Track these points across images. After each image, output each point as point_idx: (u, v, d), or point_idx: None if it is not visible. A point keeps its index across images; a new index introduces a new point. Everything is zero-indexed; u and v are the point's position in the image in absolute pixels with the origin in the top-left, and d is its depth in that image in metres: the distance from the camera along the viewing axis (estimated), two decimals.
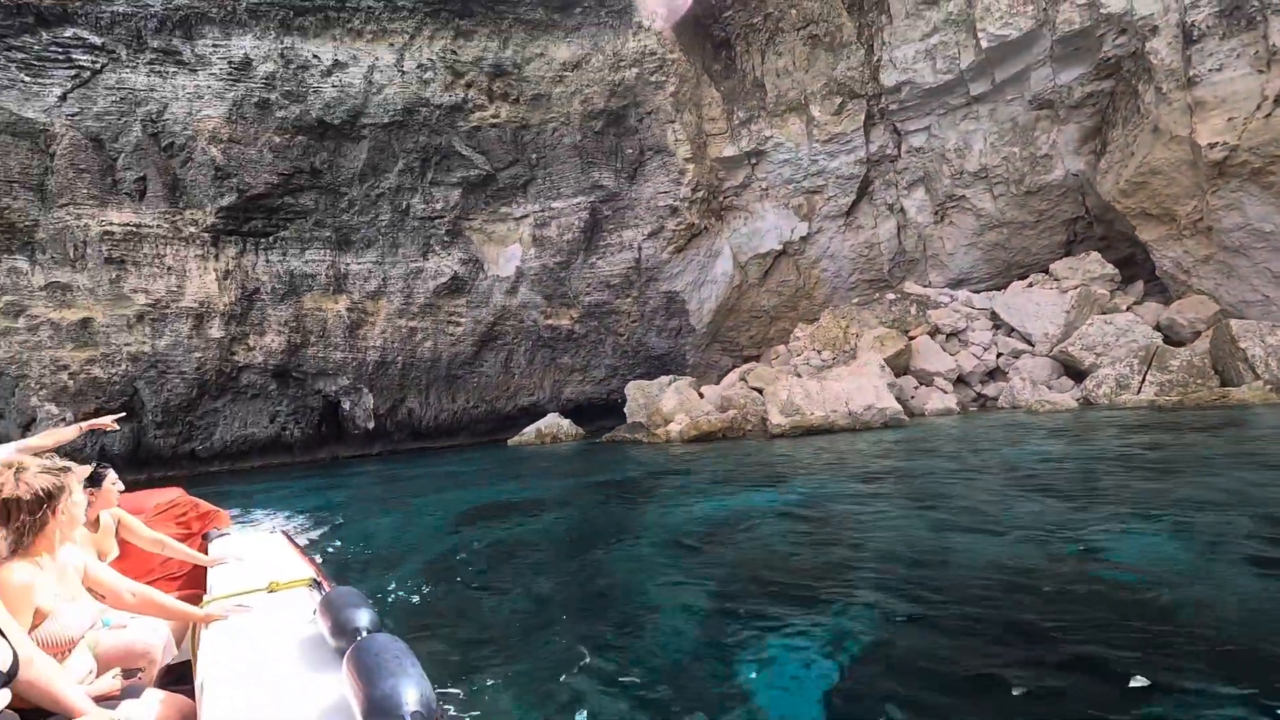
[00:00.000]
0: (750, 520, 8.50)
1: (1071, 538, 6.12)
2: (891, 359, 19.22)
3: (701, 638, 4.83)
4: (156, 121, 22.65)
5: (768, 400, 17.98)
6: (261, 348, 24.27)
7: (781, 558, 6.74)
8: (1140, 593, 4.74)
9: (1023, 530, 6.57)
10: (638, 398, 23.21)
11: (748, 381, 20.98)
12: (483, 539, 8.79)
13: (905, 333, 20.82)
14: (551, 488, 13.33)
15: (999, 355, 19.73)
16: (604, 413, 26.64)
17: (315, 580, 3.11)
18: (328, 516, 12.02)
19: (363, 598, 2.35)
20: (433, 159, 24.83)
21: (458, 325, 26.27)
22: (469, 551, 8.25)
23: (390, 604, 6.37)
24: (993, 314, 20.88)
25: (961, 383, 19.66)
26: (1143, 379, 15.24)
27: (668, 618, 5.28)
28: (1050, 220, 22.79)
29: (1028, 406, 16.15)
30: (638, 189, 25.57)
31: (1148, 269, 20.73)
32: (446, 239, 25.74)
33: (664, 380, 23.68)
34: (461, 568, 7.54)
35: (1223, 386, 14.00)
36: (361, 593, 2.42)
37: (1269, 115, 16.25)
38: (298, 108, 23.13)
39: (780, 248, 25.94)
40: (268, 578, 3.15)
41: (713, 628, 4.97)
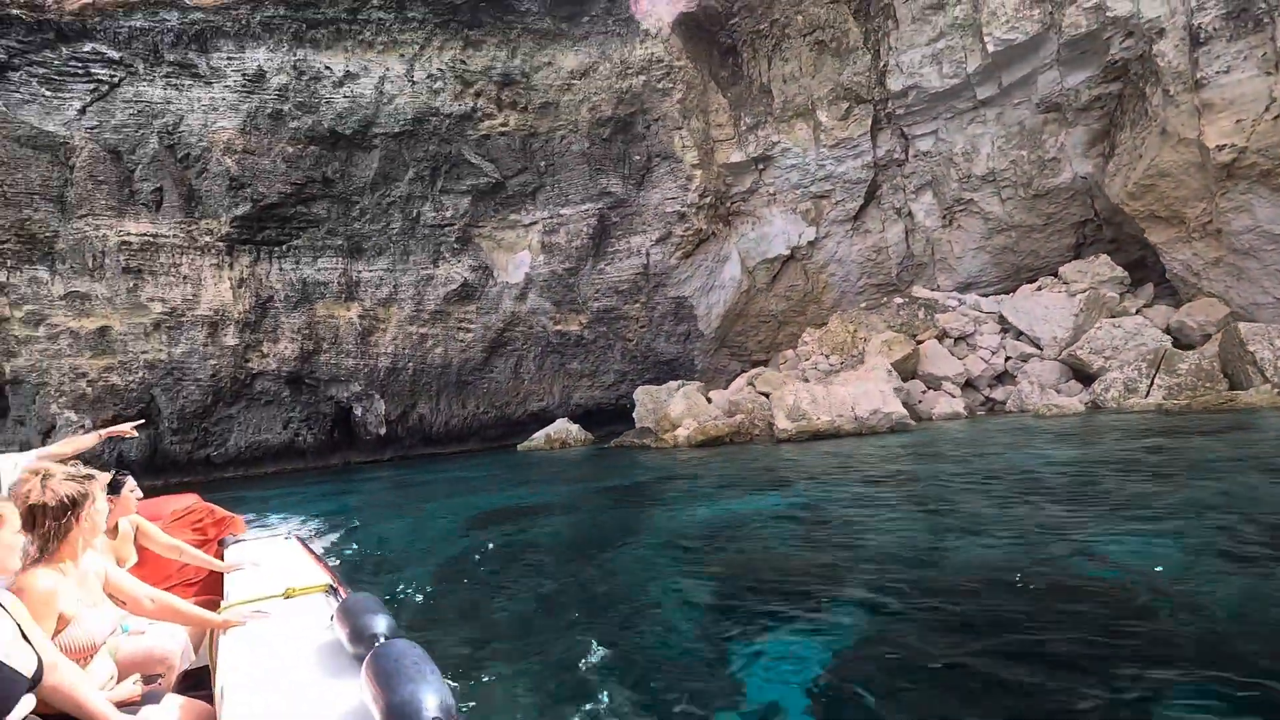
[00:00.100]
0: (752, 523, 8.63)
1: (1065, 540, 6.20)
2: (899, 363, 19.22)
3: (702, 635, 5.00)
4: (173, 133, 23.09)
5: (774, 405, 18.04)
6: (275, 355, 24.64)
7: (781, 559, 6.86)
8: (1131, 594, 4.82)
9: (1017, 533, 6.66)
10: (646, 403, 23.30)
11: (755, 386, 21.01)
12: (493, 542, 8.95)
13: (913, 337, 20.78)
14: (559, 492, 13.48)
15: (1007, 359, 19.66)
16: (613, 418, 26.74)
17: (331, 586, 3.13)
18: (341, 521, 12.21)
19: (380, 604, 2.37)
20: (443, 167, 25.12)
21: (468, 331, 26.52)
22: (479, 555, 8.41)
23: (403, 606, 6.53)
24: (1001, 318, 20.82)
25: (970, 387, 19.61)
26: (1151, 382, 15.18)
27: (670, 616, 5.46)
28: (1059, 223, 22.70)
29: (1035, 410, 16.12)
30: (645, 195, 25.73)
31: (1158, 272, 20.60)
32: (456, 246, 26.02)
33: (672, 385, 23.75)
34: (472, 570, 7.71)
35: (1231, 390, 13.93)
36: (378, 599, 2.43)
37: (1277, 117, 16.18)
38: (310, 118, 23.50)
39: (788, 252, 25.96)
40: (284, 583, 3.16)
41: (712, 625, 5.14)
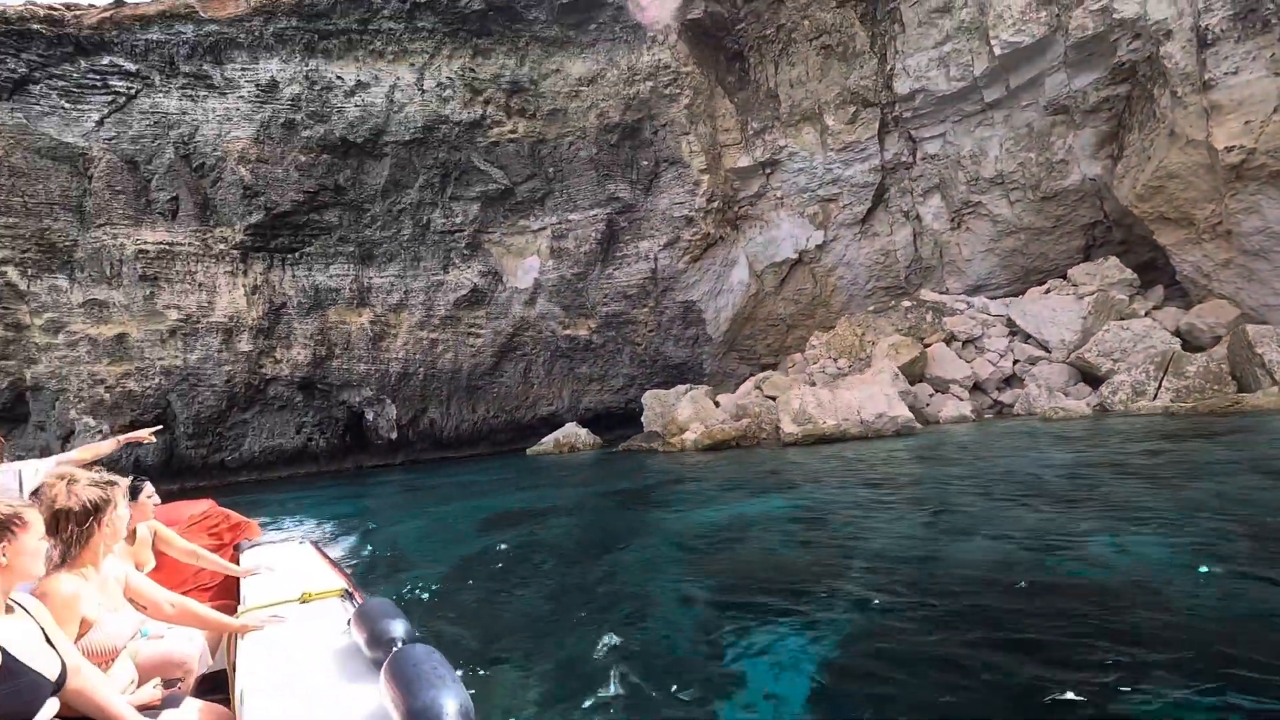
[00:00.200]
0: (754, 525, 8.79)
1: (1056, 542, 6.31)
2: (906, 367, 19.23)
3: (703, 631, 5.20)
4: (188, 143, 23.52)
5: (780, 409, 18.09)
6: (288, 360, 24.99)
7: (780, 559, 7.02)
8: (1118, 594, 4.92)
9: (1011, 534, 6.78)
10: (654, 407, 23.42)
11: (763, 390, 21.07)
12: (503, 544, 9.13)
13: (921, 340, 20.78)
14: (567, 495, 13.64)
15: (1015, 362, 19.61)
16: (622, 422, 26.88)
17: (347, 590, 3.15)
18: (354, 525, 12.43)
19: (397, 609, 2.38)
20: (452, 174, 25.40)
21: (477, 336, 26.76)
22: (490, 556, 8.60)
23: (415, 606, 6.73)
24: (1009, 320, 20.76)
25: (978, 390, 19.58)
26: (1159, 385, 15.13)
27: (674, 614, 5.66)
28: (1068, 225, 22.61)
29: (1042, 414, 16.10)
30: (653, 200, 25.88)
31: (1169, 273, 20.47)
32: (466, 252, 26.28)
33: (680, 389, 23.85)
34: (483, 571, 7.90)
35: (1240, 392, 13.87)
36: (395, 604, 2.43)
37: None
38: (322, 127, 23.85)
39: (796, 256, 26.02)
40: (300, 588, 3.19)
41: (713, 622, 5.33)
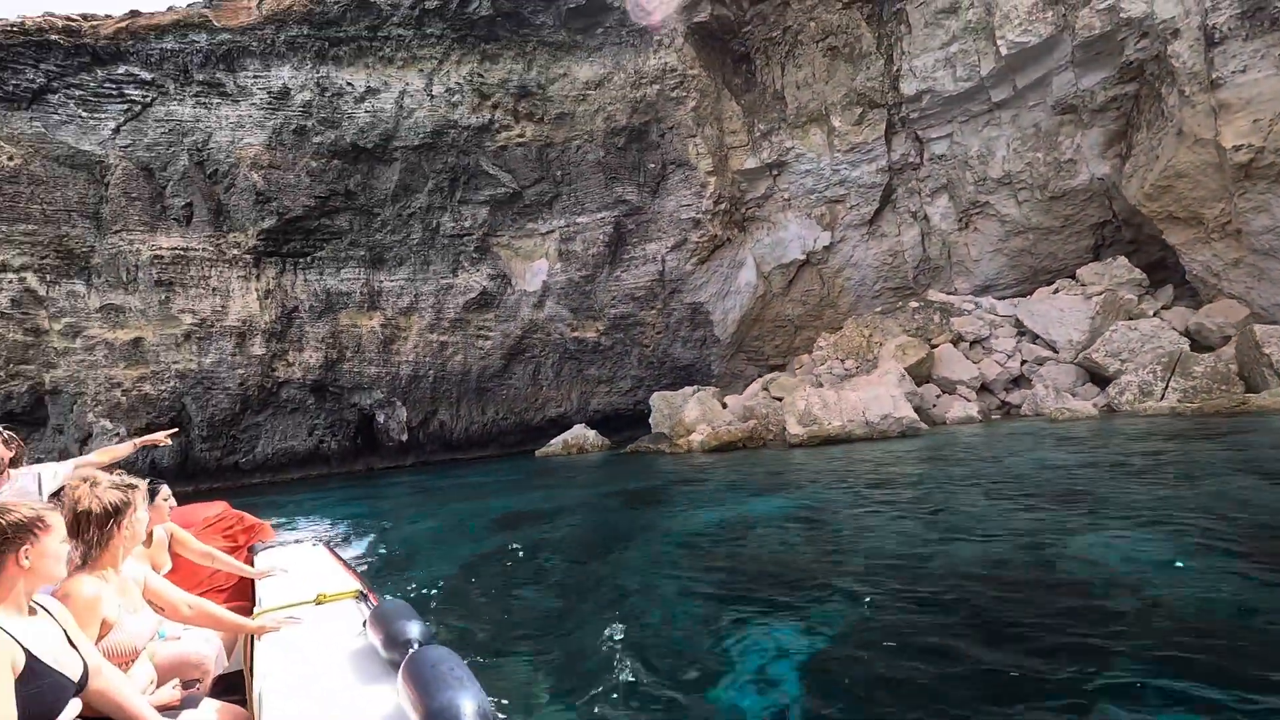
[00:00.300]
0: (756, 524, 8.96)
1: (1047, 540, 6.44)
2: (913, 367, 19.24)
3: (702, 625, 5.41)
4: (202, 150, 23.89)
5: (786, 410, 18.15)
6: (300, 363, 25.31)
7: (780, 557, 7.19)
8: (1103, 591, 5.05)
9: (1006, 533, 6.91)
10: (662, 408, 23.54)
11: (770, 391, 21.14)
12: (511, 544, 9.33)
13: (928, 341, 20.78)
14: (575, 496, 13.81)
15: (1023, 362, 19.57)
16: (631, 423, 27.02)
17: (361, 592, 3.19)
18: (367, 526, 12.65)
19: (412, 610, 2.40)
20: (461, 178, 25.64)
21: (487, 339, 26.99)
22: (499, 556, 8.81)
23: (427, 603, 6.94)
24: (1017, 321, 20.73)
25: (985, 390, 19.56)
26: (1166, 385, 15.09)
27: (676, 610, 5.87)
28: (1077, 225, 22.54)
29: (1049, 414, 16.09)
30: (661, 202, 26.00)
31: (1179, 273, 20.36)
32: (475, 255, 26.51)
33: (688, 391, 23.94)
34: (493, 570, 8.11)
35: (1248, 393, 13.82)
36: (410, 605, 2.45)
37: None
38: (333, 133, 24.15)
39: (804, 257, 26.07)
40: (314, 590, 3.22)
41: (713, 617, 5.53)
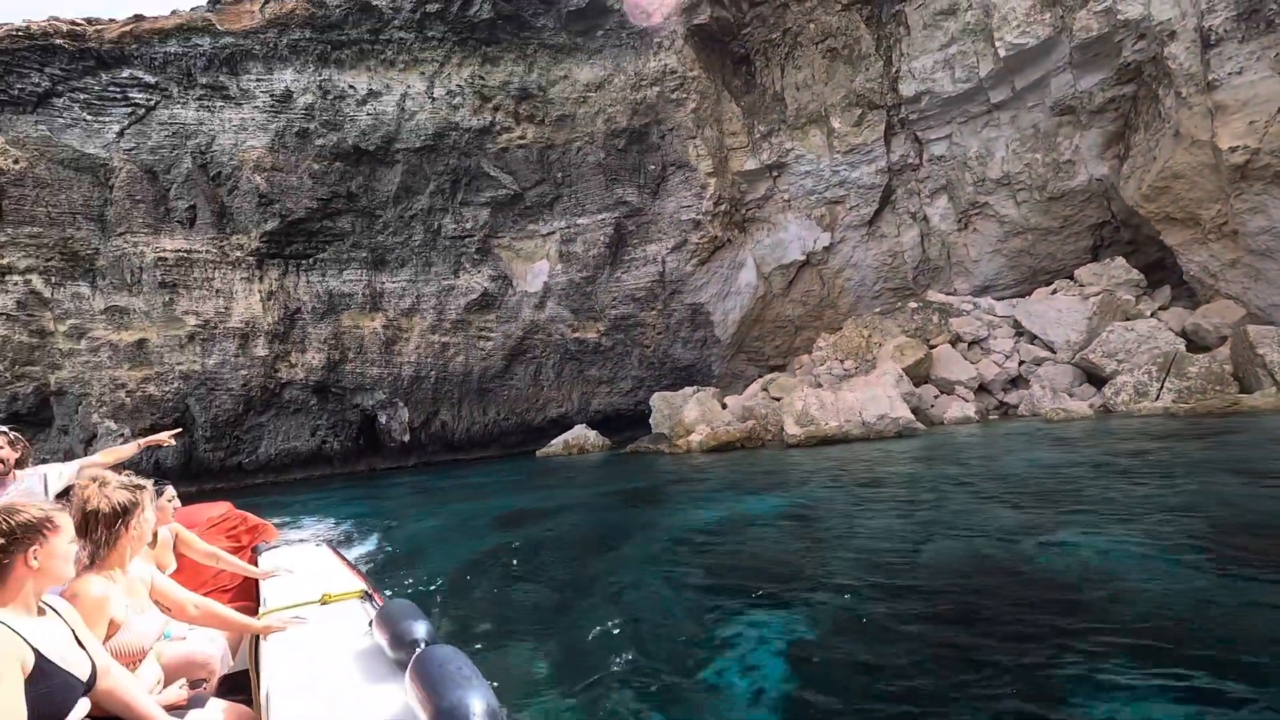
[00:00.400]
0: (748, 523, 9.18)
1: (1028, 537, 6.63)
2: (911, 368, 19.34)
3: (695, 617, 5.62)
4: (205, 153, 24.07)
5: (784, 411, 18.26)
6: (303, 364, 25.49)
7: (769, 554, 7.41)
8: (1080, 585, 5.21)
9: (987, 530, 7.12)
10: (662, 409, 23.67)
11: (769, 392, 21.26)
12: (513, 543, 9.55)
13: (926, 342, 20.88)
14: (574, 496, 13.97)
15: (1021, 363, 19.66)
16: (632, 423, 27.16)
17: (366, 592, 3.19)
18: (371, 525, 12.82)
19: (418, 610, 2.40)
20: (462, 180, 25.79)
21: (488, 340, 27.14)
22: (500, 553, 9.01)
23: (430, 600, 7.11)
24: (1015, 321, 20.82)
25: (983, 391, 19.65)
26: (1160, 386, 15.18)
27: (670, 603, 6.10)
28: (1075, 226, 22.62)
29: (1045, 415, 16.18)
30: (661, 204, 26.12)
31: (1177, 273, 20.41)
32: (477, 257, 26.66)
33: (688, 391, 24.08)
34: (494, 567, 8.31)
35: (1242, 393, 13.92)
36: (415, 605, 2.47)
37: None
38: (335, 136, 24.32)
39: (804, 258, 26.18)
40: (319, 590, 3.22)
41: (703, 610, 5.74)
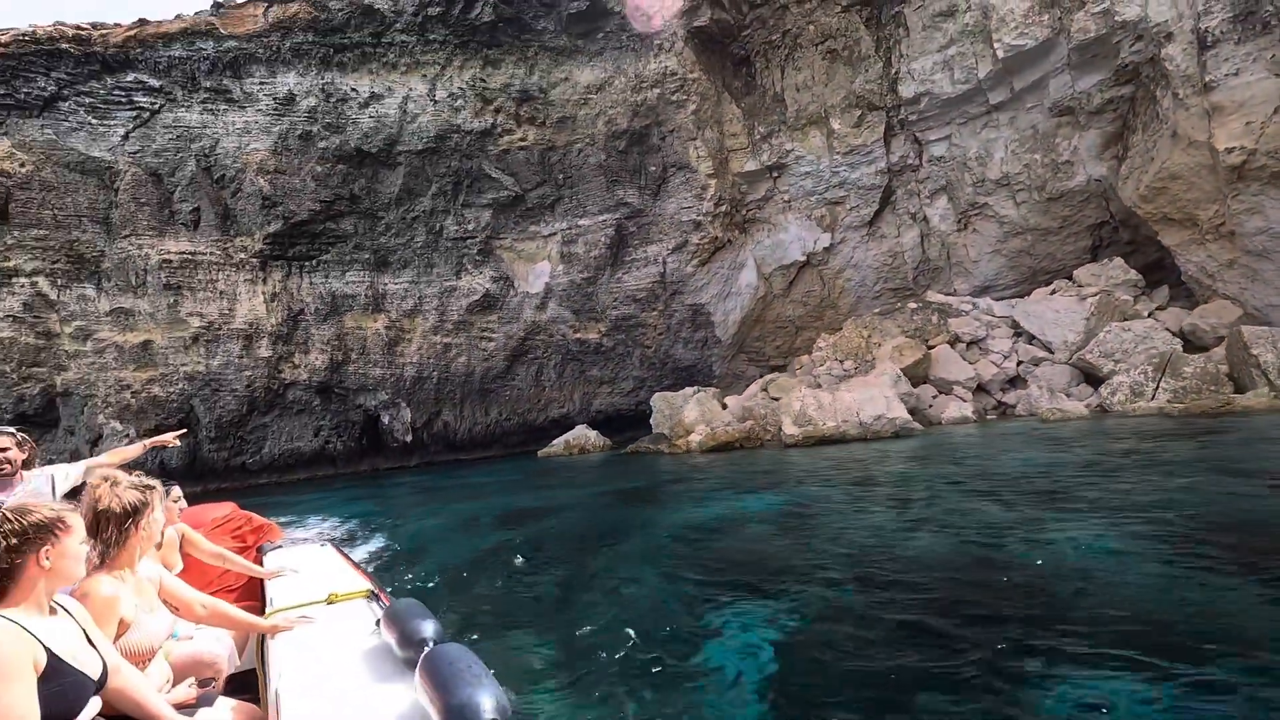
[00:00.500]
0: (742, 521, 9.38)
1: (1011, 533, 6.79)
2: (910, 368, 19.44)
3: (687, 608, 5.86)
4: (209, 156, 24.27)
5: (782, 411, 18.39)
6: (306, 365, 25.68)
7: (760, 550, 7.60)
8: (1056, 578, 5.39)
9: (971, 526, 7.30)
10: (663, 409, 23.80)
11: (769, 392, 21.38)
12: (511, 542, 9.74)
13: (925, 342, 20.98)
14: (574, 495, 14.15)
15: (1019, 363, 19.74)
16: (633, 423, 27.30)
17: (372, 592, 3.20)
18: (375, 524, 13.01)
19: (425, 609, 2.40)
20: (464, 182, 25.95)
21: (490, 340, 27.30)
22: (502, 550, 9.21)
23: (435, 592, 7.27)
24: (1013, 322, 20.91)
25: (982, 391, 19.74)
26: (1156, 386, 15.28)
27: (664, 596, 6.33)
28: (1075, 226, 22.69)
29: (1041, 415, 16.29)
30: (661, 205, 26.26)
31: (1177, 273, 20.48)
32: (478, 258, 26.83)
33: (688, 391, 24.19)
34: (496, 563, 8.51)
35: (1237, 393, 14.00)
36: (422, 604, 2.48)
37: None
38: (338, 138, 24.50)
39: (804, 259, 26.28)
40: (325, 589, 3.23)
41: (695, 603, 5.96)
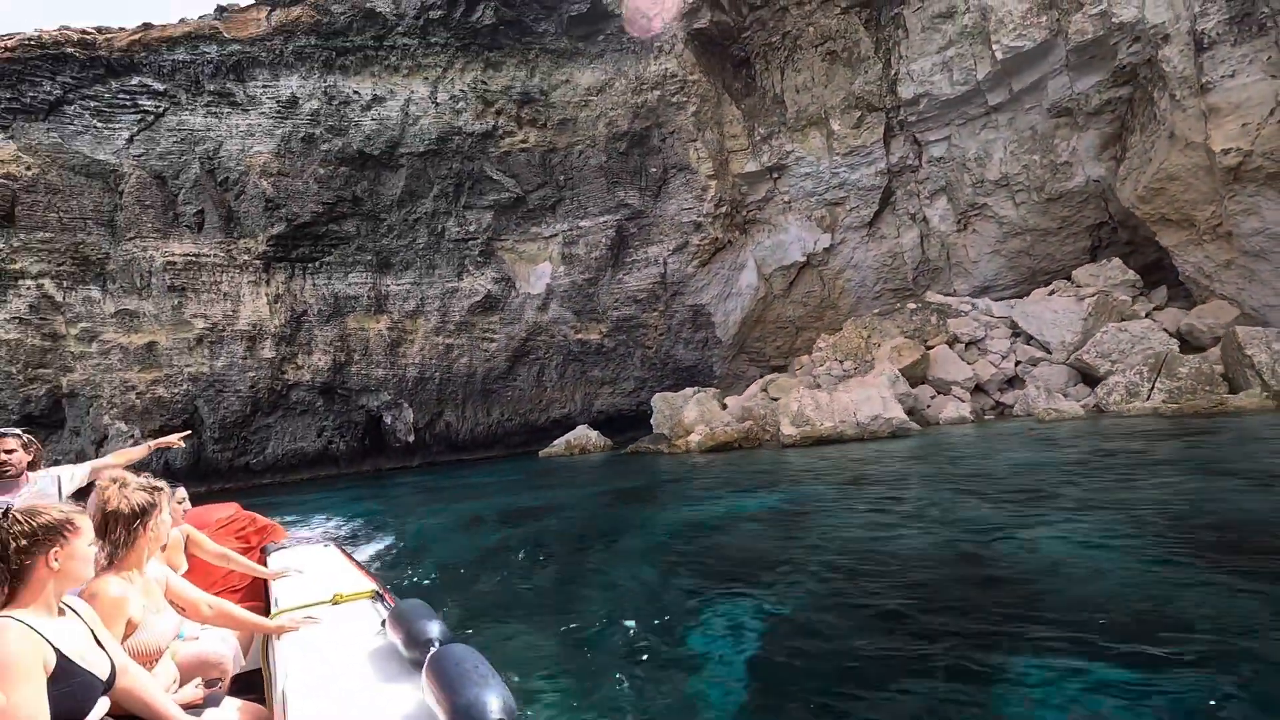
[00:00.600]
0: (736, 519, 9.56)
1: (995, 530, 6.95)
2: (909, 369, 19.55)
3: (682, 601, 6.04)
4: (213, 159, 24.47)
5: (780, 412, 18.51)
6: (309, 366, 25.86)
7: (751, 546, 7.79)
8: (1036, 573, 5.54)
9: (958, 522, 7.46)
10: (663, 409, 23.93)
11: (768, 392, 21.49)
12: (512, 540, 9.91)
13: (924, 342, 21.08)
14: (574, 495, 14.31)
15: (1017, 363, 19.83)
16: (634, 423, 27.42)
17: (377, 592, 3.22)
18: (378, 523, 13.17)
19: (431, 610, 2.42)
20: (466, 184, 26.11)
21: (492, 341, 27.46)
22: (503, 548, 9.38)
23: (437, 589, 7.40)
24: (1012, 322, 20.99)
25: (980, 391, 19.82)
26: (1152, 386, 15.37)
27: (659, 590, 6.53)
28: (1073, 226, 22.76)
29: (1037, 415, 16.38)
30: (662, 206, 26.39)
31: (1175, 274, 20.56)
32: (480, 259, 26.99)
33: (688, 392, 24.31)
34: (497, 561, 8.69)
35: (1231, 393, 14.09)
36: (428, 604, 2.50)
37: None
38: (340, 141, 24.68)
39: (804, 259, 26.38)
40: (330, 589, 3.24)
41: (691, 595, 6.15)
